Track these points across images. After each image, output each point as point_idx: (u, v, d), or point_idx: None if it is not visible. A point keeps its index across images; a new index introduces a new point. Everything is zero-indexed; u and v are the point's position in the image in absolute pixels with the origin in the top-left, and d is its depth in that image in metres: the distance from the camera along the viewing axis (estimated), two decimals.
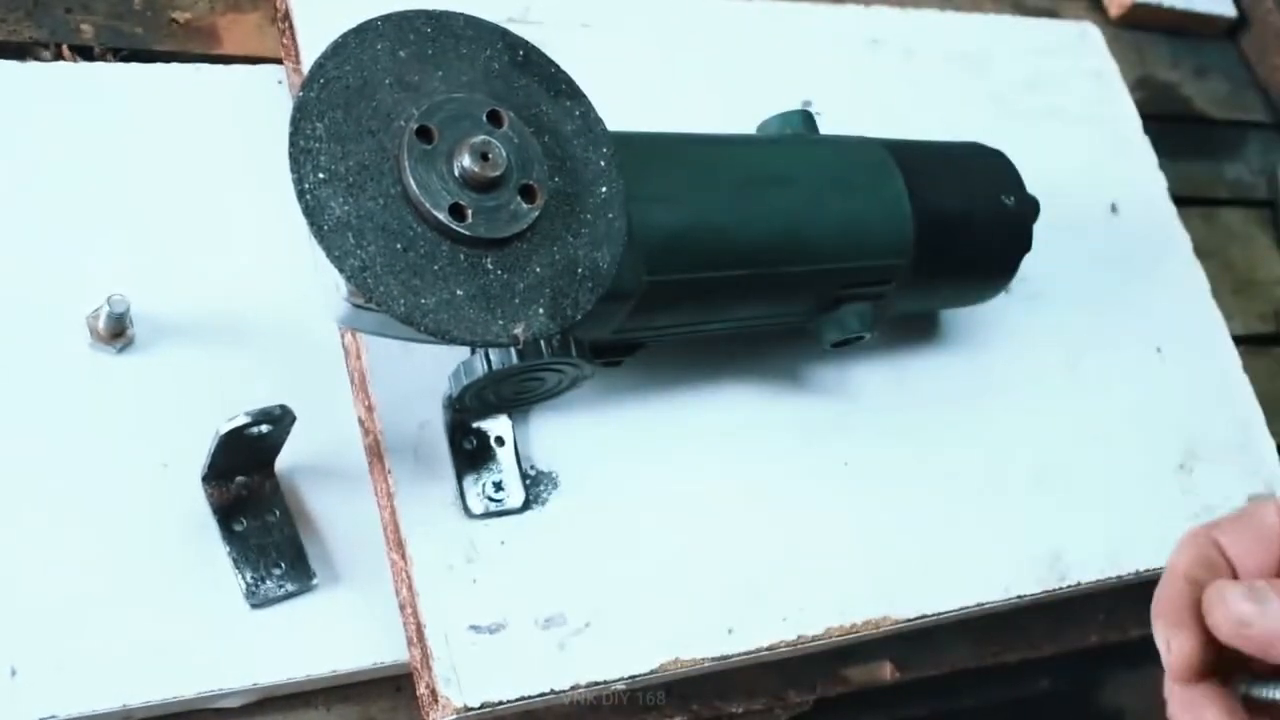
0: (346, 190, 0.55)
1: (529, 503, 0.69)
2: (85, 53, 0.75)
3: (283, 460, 0.66)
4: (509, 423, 0.70)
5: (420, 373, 0.68)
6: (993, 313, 0.87)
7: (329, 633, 0.65)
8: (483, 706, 0.63)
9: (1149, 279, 0.95)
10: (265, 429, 0.61)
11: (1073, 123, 0.98)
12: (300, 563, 0.65)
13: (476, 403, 0.67)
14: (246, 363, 0.68)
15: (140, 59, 0.76)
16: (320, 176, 0.55)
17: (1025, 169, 0.81)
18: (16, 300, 0.66)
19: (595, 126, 0.62)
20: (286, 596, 0.64)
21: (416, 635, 0.64)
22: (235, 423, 0.60)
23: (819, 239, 0.71)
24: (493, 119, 0.59)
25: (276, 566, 0.65)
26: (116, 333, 0.66)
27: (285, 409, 0.61)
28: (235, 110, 0.74)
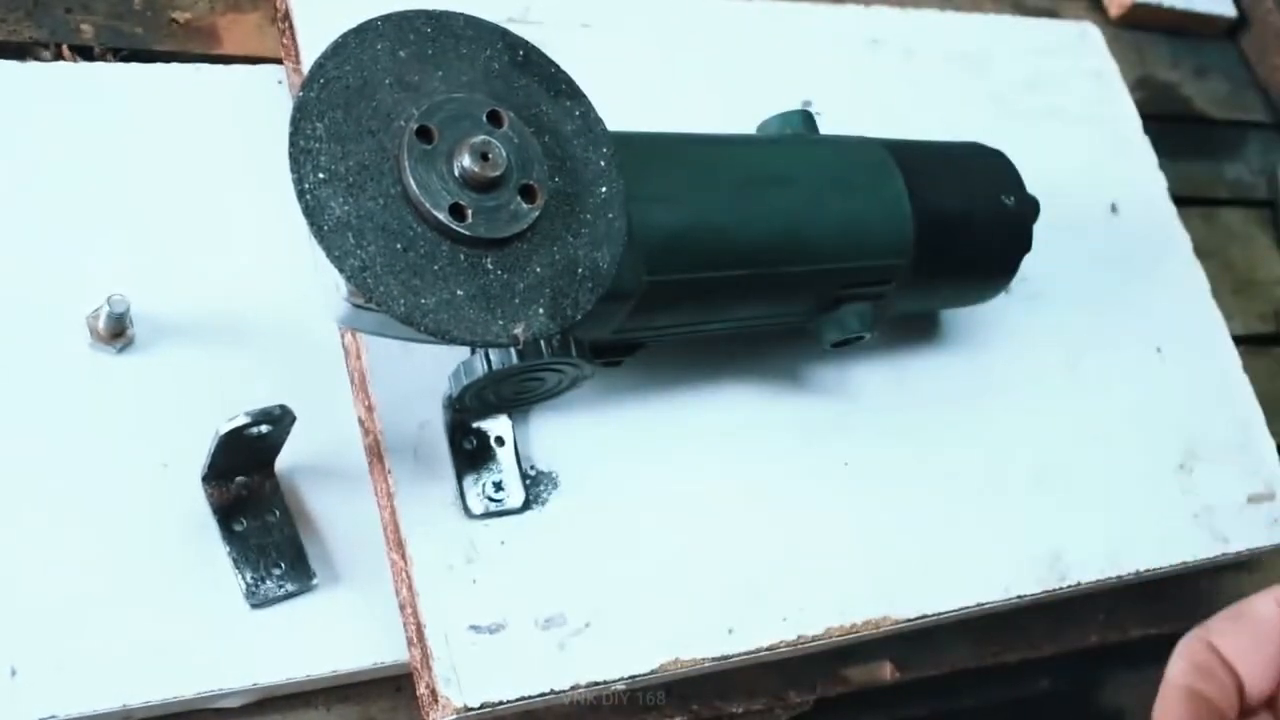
0: (346, 190, 0.55)
1: (529, 503, 0.69)
2: (85, 53, 0.75)
3: (283, 460, 0.66)
4: (509, 423, 0.70)
5: (420, 373, 0.68)
6: (993, 313, 0.87)
7: (329, 633, 0.65)
8: (483, 706, 0.63)
9: (1149, 279, 0.95)
10: (265, 429, 0.61)
11: (1073, 123, 0.98)
12: (300, 563, 0.65)
13: (476, 403, 0.67)
14: (246, 363, 0.68)
15: (140, 59, 0.76)
16: (320, 176, 0.55)
17: (1025, 169, 0.81)
18: (16, 300, 0.66)
19: (595, 126, 0.62)
20: (286, 596, 0.64)
21: (416, 635, 0.64)
22: (235, 423, 0.60)
23: (819, 239, 0.71)
24: (493, 119, 0.59)
25: (276, 566, 0.65)
26: (116, 333, 0.66)
27: (285, 409, 0.61)
28: (235, 110, 0.74)
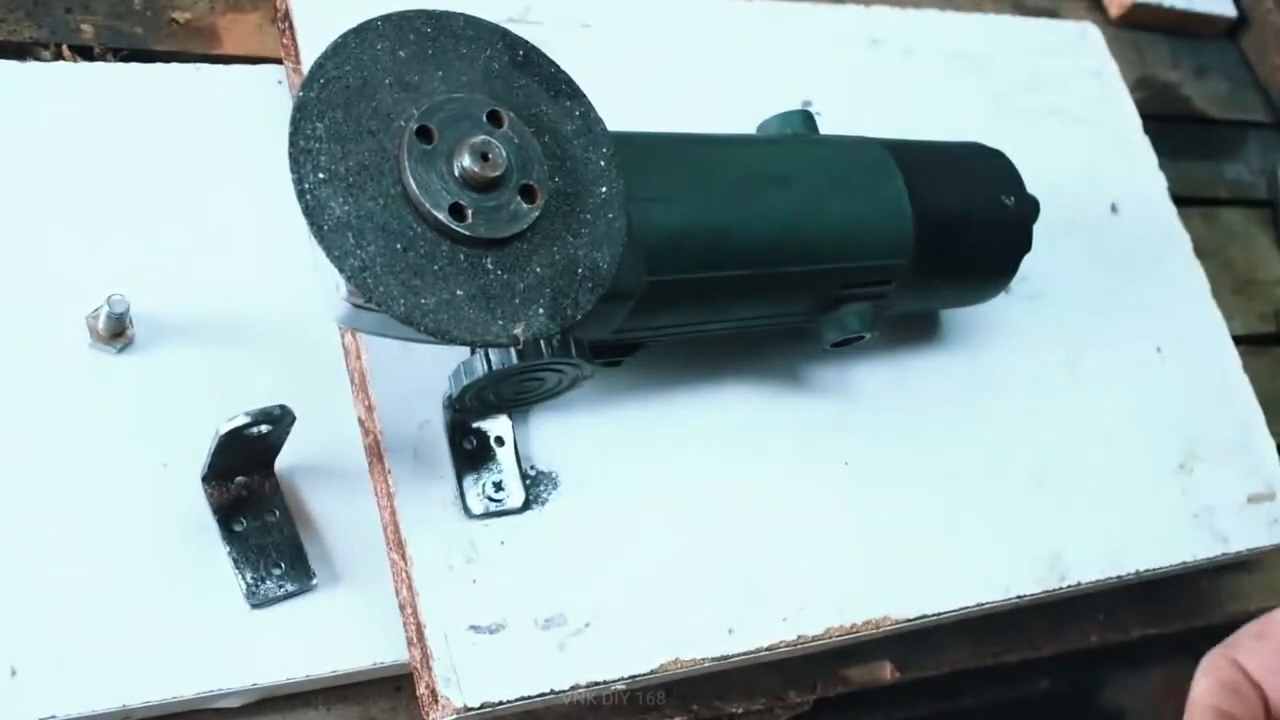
0: (346, 190, 0.55)
1: (529, 503, 0.69)
2: (85, 53, 0.75)
3: (283, 460, 0.66)
4: (509, 423, 0.70)
5: (420, 373, 0.68)
6: (993, 313, 0.87)
7: (329, 633, 0.65)
8: (483, 706, 0.63)
9: (1149, 279, 0.95)
10: (265, 429, 0.61)
11: (1073, 123, 0.98)
12: (300, 563, 0.65)
13: (476, 403, 0.67)
14: (246, 363, 0.68)
15: (140, 59, 0.76)
16: (320, 176, 0.55)
17: (1025, 169, 0.81)
18: (16, 300, 0.66)
19: (595, 126, 0.62)
20: (286, 596, 0.64)
21: (416, 635, 0.64)
22: (235, 423, 0.60)
23: (819, 239, 0.71)
24: (493, 119, 0.59)
25: (276, 566, 0.65)
26: (116, 333, 0.66)
27: (285, 409, 0.61)
28: (235, 110, 0.74)
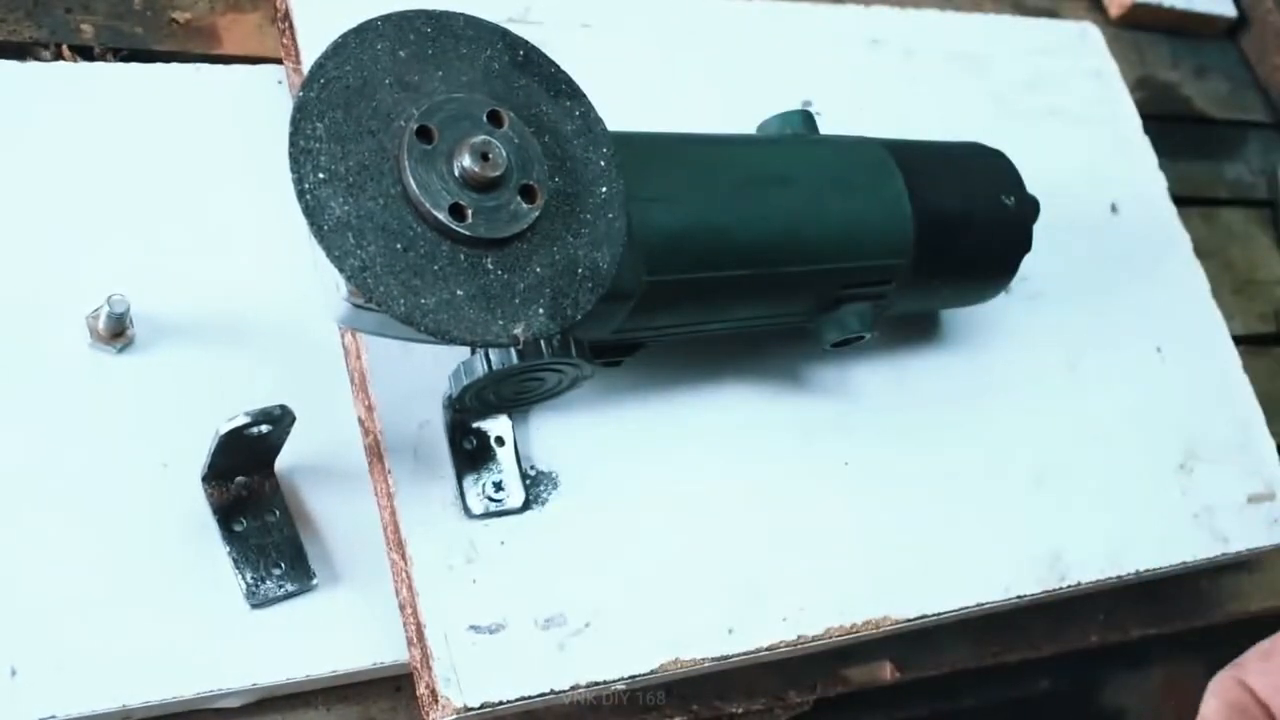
0: (346, 190, 0.55)
1: (529, 503, 0.69)
2: (85, 53, 0.75)
3: (283, 460, 0.66)
4: (509, 423, 0.70)
5: (420, 373, 0.68)
6: (993, 313, 0.87)
7: (329, 633, 0.65)
8: (483, 706, 0.63)
9: (1149, 279, 0.95)
10: (265, 429, 0.61)
11: (1073, 123, 0.98)
12: (300, 563, 0.65)
13: (476, 403, 0.67)
14: (246, 363, 0.68)
15: (140, 59, 0.76)
16: (320, 176, 0.55)
17: (1025, 169, 0.81)
18: (16, 300, 0.66)
19: (595, 126, 0.62)
20: (286, 596, 0.64)
21: (416, 635, 0.64)
22: (235, 423, 0.60)
23: (819, 239, 0.71)
24: (493, 119, 0.59)
25: (276, 566, 0.65)
26: (116, 333, 0.66)
27: (285, 409, 0.61)
28: (235, 110, 0.74)
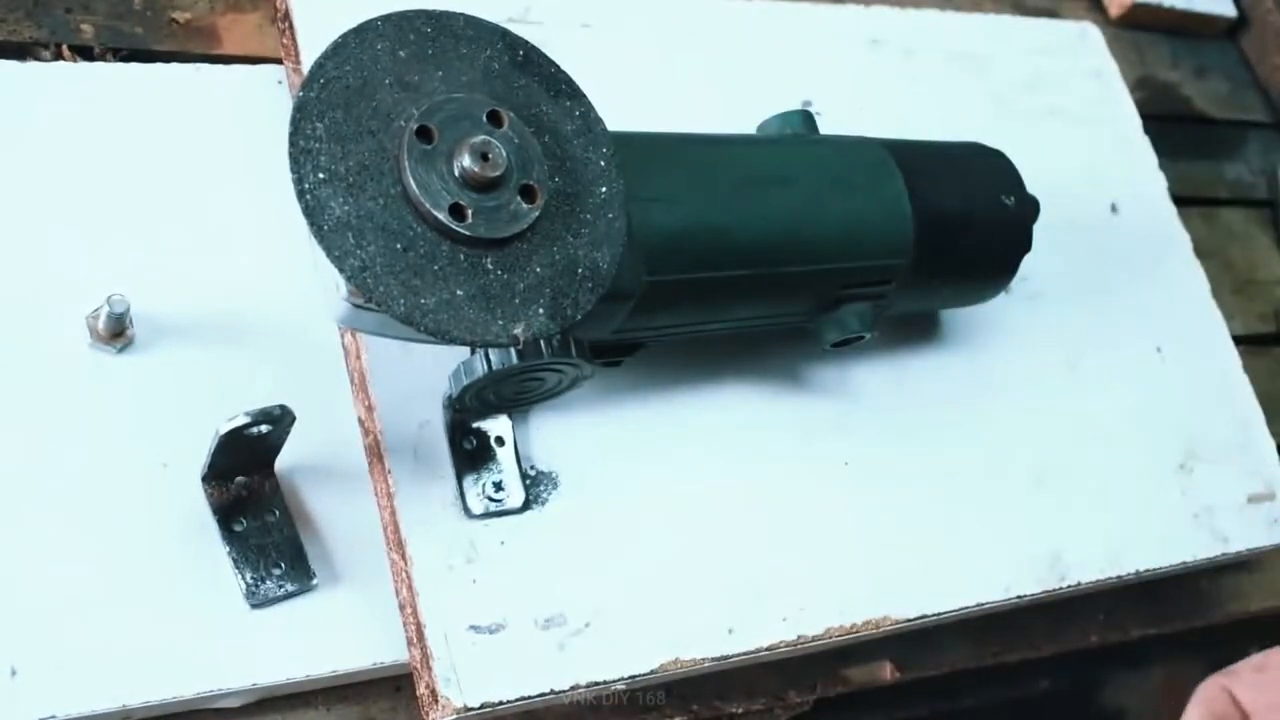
0: (346, 190, 0.55)
1: (529, 503, 0.69)
2: (85, 53, 0.75)
3: (283, 460, 0.66)
4: (509, 423, 0.70)
5: (420, 373, 0.68)
6: (993, 313, 0.87)
7: (329, 633, 0.65)
8: (483, 706, 0.63)
9: (1149, 279, 0.95)
10: (265, 429, 0.61)
11: (1073, 123, 0.98)
12: (300, 563, 0.65)
13: (476, 403, 0.67)
14: (246, 363, 0.68)
15: (140, 59, 0.76)
16: (320, 176, 0.55)
17: (1025, 169, 0.81)
18: (16, 300, 0.66)
19: (595, 126, 0.62)
20: (286, 596, 0.64)
21: (416, 635, 0.64)
22: (235, 423, 0.60)
23: (819, 239, 0.71)
24: (493, 119, 0.59)
25: (276, 566, 0.65)
26: (116, 333, 0.66)
27: (285, 409, 0.61)
28: (235, 110, 0.74)
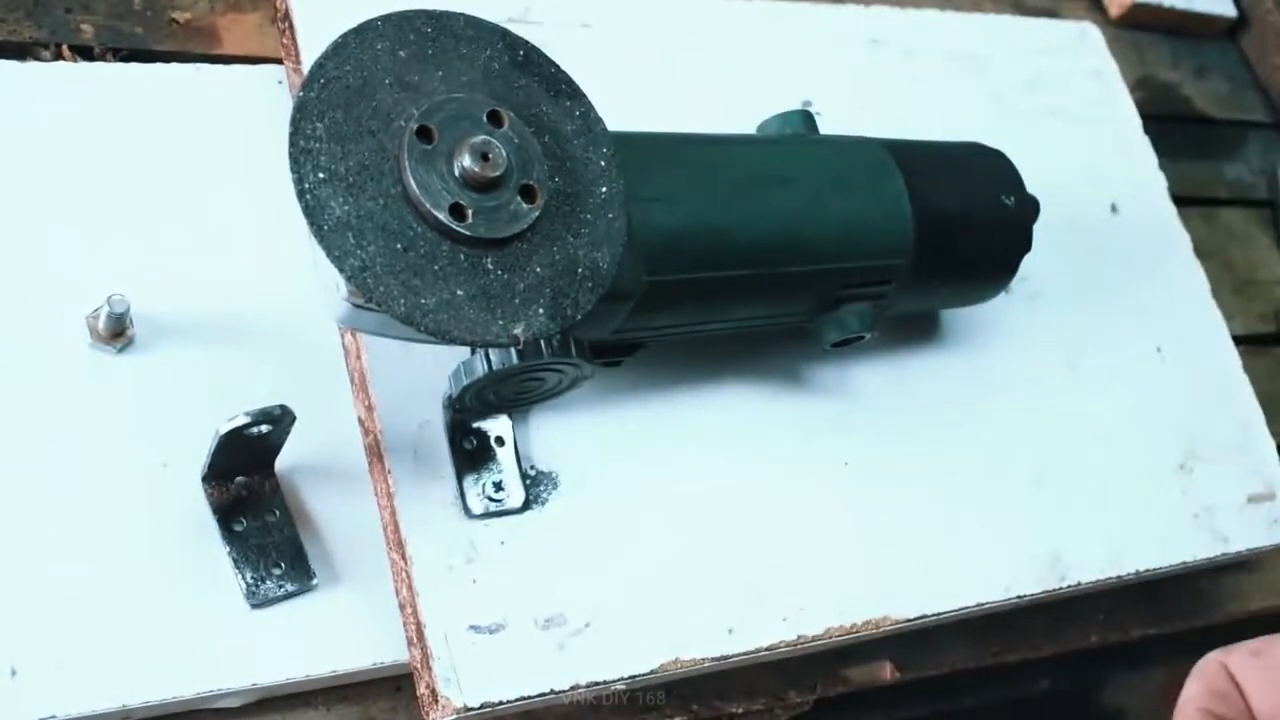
0: (346, 190, 0.55)
1: (529, 503, 0.69)
2: (85, 53, 0.75)
3: (283, 460, 0.66)
4: (509, 423, 0.70)
5: (420, 373, 0.68)
6: (993, 313, 0.87)
7: (329, 633, 0.65)
8: (483, 706, 0.63)
9: (1149, 279, 0.95)
10: (265, 429, 0.61)
11: (1073, 123, 0.98)
12: (300, 563, 0.65)
13: (476, 403, 0.67)
14: (246, 363, 0.68)
15: (140, 59, 0.76)
16: (320, 176, 0.55)
17: (1025, 169, 0.81)
18: (16, 300, 0.66)
19: (595, 126, 0.62)
20: (286, 596, 0.64)
21: (416, 635, 0.64)
22: (235, 423, 0.60)
23: (819, 239, 0.71)
24: (493, 119, 0.59)
25: (276, 566, 0.65)
26: (116, 333, 0.66)
27: (285, 409, 0.61)
28: (235, 110, 0.74)
